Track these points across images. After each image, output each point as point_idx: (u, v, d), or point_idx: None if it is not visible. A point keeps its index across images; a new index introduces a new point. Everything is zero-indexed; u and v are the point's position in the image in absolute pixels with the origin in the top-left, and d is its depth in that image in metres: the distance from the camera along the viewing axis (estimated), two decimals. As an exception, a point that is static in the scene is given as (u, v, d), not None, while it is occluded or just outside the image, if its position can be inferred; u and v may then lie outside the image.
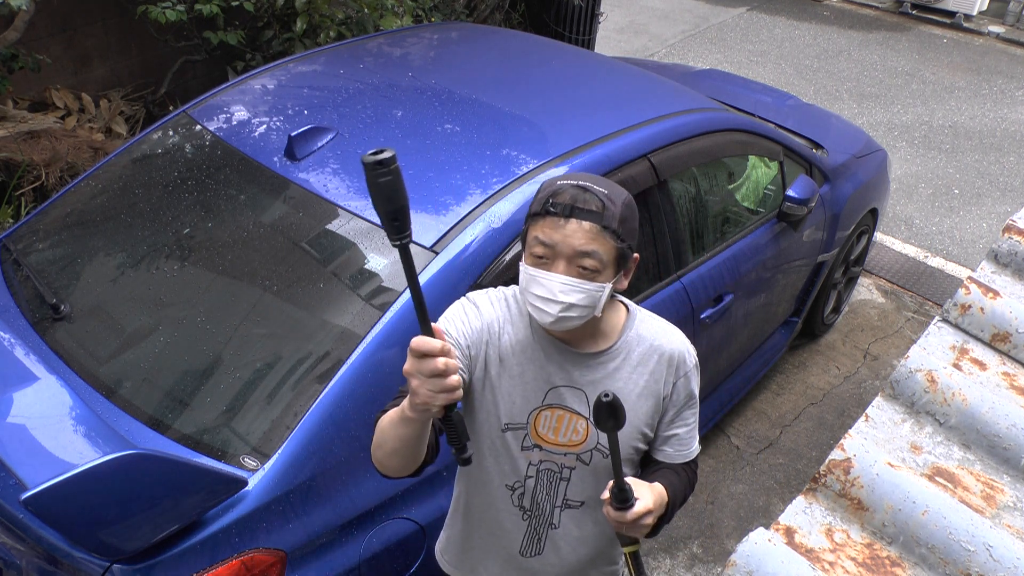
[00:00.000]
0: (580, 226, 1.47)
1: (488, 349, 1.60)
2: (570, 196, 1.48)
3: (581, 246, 1.47)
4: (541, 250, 1.49)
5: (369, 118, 2.64)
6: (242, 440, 1.99)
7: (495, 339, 1.61)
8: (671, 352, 1.65)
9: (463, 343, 1.58)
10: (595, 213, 1.47)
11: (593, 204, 1.47)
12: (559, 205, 1.48)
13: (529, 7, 5.85)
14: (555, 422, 1.62)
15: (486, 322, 1.61)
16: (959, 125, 6.76)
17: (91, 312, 2.34)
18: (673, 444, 1.69)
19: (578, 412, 1.62)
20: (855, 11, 9.06)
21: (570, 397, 1.61)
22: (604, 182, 1.54)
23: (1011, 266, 2.20)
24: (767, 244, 3.31)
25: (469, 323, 1.61)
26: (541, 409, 1.62)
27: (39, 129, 3.76)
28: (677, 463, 1.71)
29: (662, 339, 1.66)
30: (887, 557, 1.60)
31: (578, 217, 1.47)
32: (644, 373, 1.63)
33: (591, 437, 1.63)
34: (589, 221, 1.47)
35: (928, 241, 5.35)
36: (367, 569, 2.04)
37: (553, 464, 1.66)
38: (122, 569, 1.76)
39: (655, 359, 1.64)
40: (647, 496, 1.48)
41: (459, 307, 1.64)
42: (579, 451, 1.64)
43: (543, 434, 1.63)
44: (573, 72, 3.28)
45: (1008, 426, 1.77)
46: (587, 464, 1.66)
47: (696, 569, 3.16)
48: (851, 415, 3.91)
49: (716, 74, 4.93)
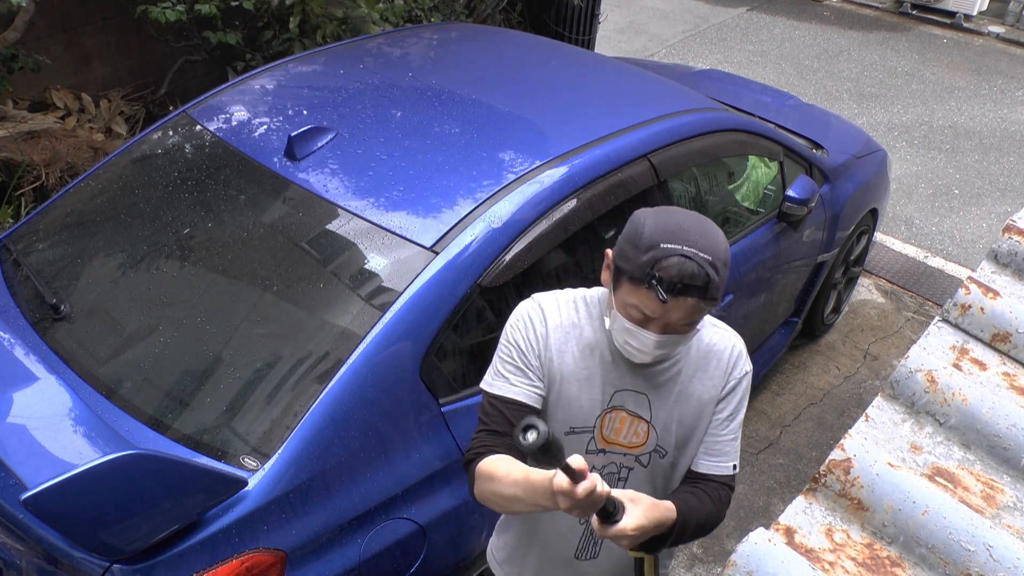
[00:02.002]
0: (684, 303, 1.41)
1: (555, 355, 1.61)
2: (677, 272, 1.38)
3: (681, 320, 1.45)
4: (639, 316, 1.47)
5: (369, 118, 2.64)
6: (242, 440, 1.99)
7: (563, 344, 1.61)
8: (727, 356, 1.65)
9: (531, 357, 1.60)
10: (701, 289, 1.40)
11: (699, 280, 1.39)
12: (665, 283, 1.39)
13: (529, 7, 5.85)
14: (618, 423, 1.64)
15: (553, 328, 1.61)
16: (959, 125, 6.76)
17: (91, 312, 2.34)
18: (710, 453, 1.67)
19: (640, 416, 1.63)
20: (855, 11, 9.06)
21: (633, 401, 1.63)
22: (706, 235, 1.43)
23: (1011, 266, 2.20)
24: (767, 244, 3.31)
25: (535, 332, 1.60)
26: (606, 412, 1.63)
27: (39, 129, 3.76)
28: (711, 477, 1.66)
29: (720, 343, 1.65)
30: (887, 557, 1.60)
31: (684, 295, 1.40)
32: (703, 378, 1.64)
33: (651, 439, 1.65)
34: (694, 298, 1.41)
35: (928, 241, 5.35)
36: (367, 569, 2.04)
37: (613, 465, 1.68)
38: (122, 569, 1.76)
39: (713, 363, 1.64)
40: (638, 516, 1.42)
41: (526, 317, 1.62)
42: (639, 453, 1.66)
43: (607, 436, 1.65)
44: (573, 72, 3.28)
45: (1008, 426, 1.77)
46: (645, 466, 1.68)
47: (696, 569, 3.16)
48: (851, 415, 3.91)
49: (716, 74, 4.92)
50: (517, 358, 1.60)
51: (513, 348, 1.61)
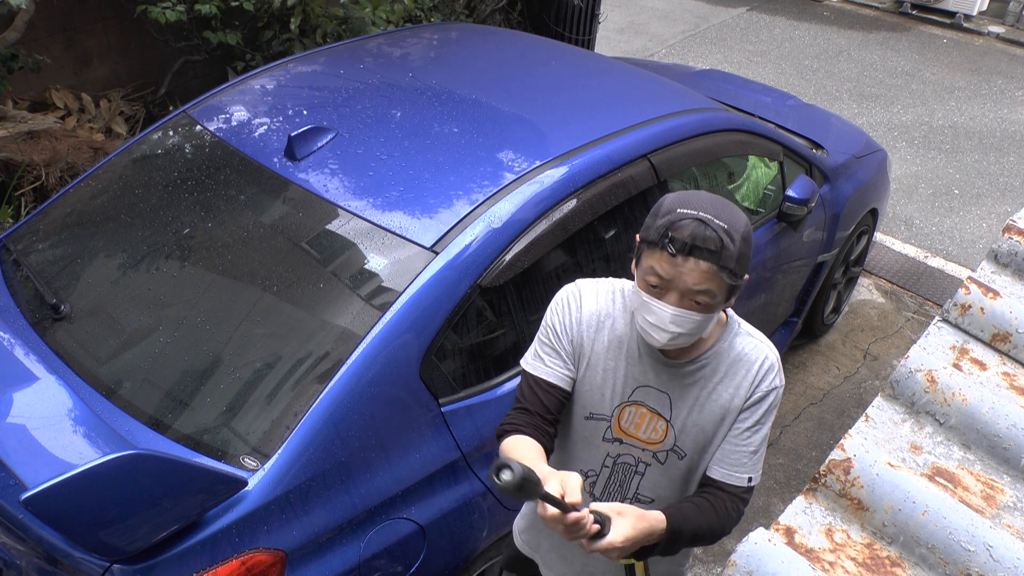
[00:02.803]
0: (697, 266, 1.44)
1: (586, 340, 1.65)
2: (690, 233, 1.43)
3: (696, 285, 1.46)
4: (655, 280, 1.49)
5: (369, 118, 2.64)
6: (242, 440, 1.99)
7: (594, 332, 1.65)
8: (757, 367, 1.63)
9: (564, 341, 1.65)
10: (714, 253, 1.43)
11: (712, 243, 1.42)
12: (677, 242, 1.43)
13: (529, 7, 5.85)
14: (637, 418, 1.66)
15: (588, 314, 1.66)
16: (959, 125, 6.76)
17: (91, 312, 2.34)
18: (726, 462, 1.65)
19: (660, 414, 1.65)
20: (855, 11, 9.06)
21: (654, 398, 1.65)
22: (724, 209, 1.48)
23: (1011, 266, 2.20)
24: (767, 244, 3.31)
25: (571, 316, 1.66)
26: (626, 405, 1.66)
27: (39, 129, 3.76)
28: (721, 485, 1.65)
29: (753, 353, 1.64)
30: (887, 557, 1.60)
31: (696, 256, 1.43)
32: (729, 386, 1.63)
33: (669, 438, 1.66)
34: (707, 261, 1.43)
35: (928, 241, 5.35)
36: (367, 569, 2.04)
37: (630, 457, 1.70)
38: (122, 569, 1.76)
39: (741, 372, 1.63)
40: (625, 528, 1.43)
41: (565, 299, 1.68)
42: (656, 449, 1.68)
43: (625, 427, 1.67)
44: (573, 72, 3.28)
45: (1008, 426, 1.77)
46: (662, 464, 1.69)
47: (696, 569, 3.16)
48: (851, 415, 3.91)
49: (716, 74, 4.92)
50: (553, 340, 1.66)
51: (550, 330, 1.67)
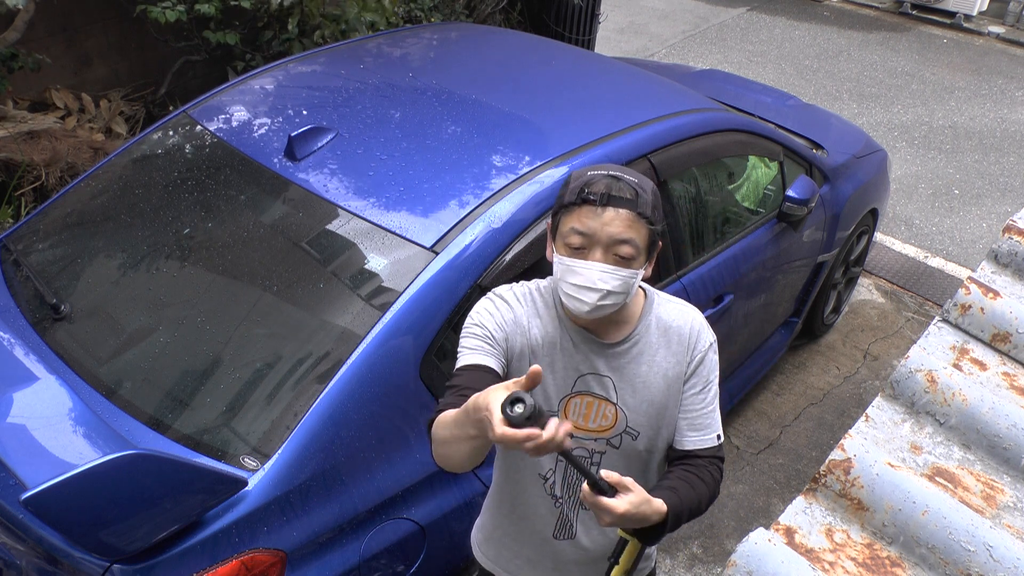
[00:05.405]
0: (617, 214, 1.50)
1: (519, 339, 1.64)
2: (605, 185, 1.51)
3: (619, 233, 1.50)
4: (578, 240, 1.52)
5: (369, 118, 2.64)
6: (242, 440, 1.99)
7: (525, 332, 1.64)
8: (688, 331, 1.67)
9: (498, 336, 1.62)
10: (630, 200, 1.51)
11: (627, 192, 1.51)
12: (596, 194, 1.50)
13: (529, 7, 5.85)
14: (584, 408, 1.66)
15: (518, 315, 1.65)
16: (959, 125, 6.76)
17: (91, 312, 2.34)
18: (691, 428, 1.67)
19: (606, 398, 1.65)
20: (855, 11, 9.06)
21: (597, 385, 1.65)
22: (630, 171, 1.57)
23: (1011, 266, 2.20)
24: (767, 244, 3.31)
25: (501, 316, 1.64)
26: (571, 397, 1.65)
27: (39, 129, 3.76)
28: (698, 453, 1.67)
29: (679, 319, 1.68)
30: (887, 557, 1.60)
31: (615, 205, 1.50)
32: (667, 356, 1.66)
33: (620, 421, 1.66)
34: (625, 209, 1.50)
35: (928, 241, 5.35)
36: (367, 569, 2.04)
37: (583, 450, 1.69)
38: (122, 569, 1.76)
39: (675, 340, 1.67)
40: (631, 500, 1.42)
41: (488, 303, 1.67)
42: (609, 435, 1.68)
43: (573, 421, 1.66)
44: (573, 72, 3.28)
45: (1008, 426, 1.77)
46: (617, 448, 1.69)
47: (696, 569, 3.16)
48: (851, 415, 3.91)
49: (716, 74, 4.92)
50: (480, 334, 1.61)
51: (477, 327, 1.62)
